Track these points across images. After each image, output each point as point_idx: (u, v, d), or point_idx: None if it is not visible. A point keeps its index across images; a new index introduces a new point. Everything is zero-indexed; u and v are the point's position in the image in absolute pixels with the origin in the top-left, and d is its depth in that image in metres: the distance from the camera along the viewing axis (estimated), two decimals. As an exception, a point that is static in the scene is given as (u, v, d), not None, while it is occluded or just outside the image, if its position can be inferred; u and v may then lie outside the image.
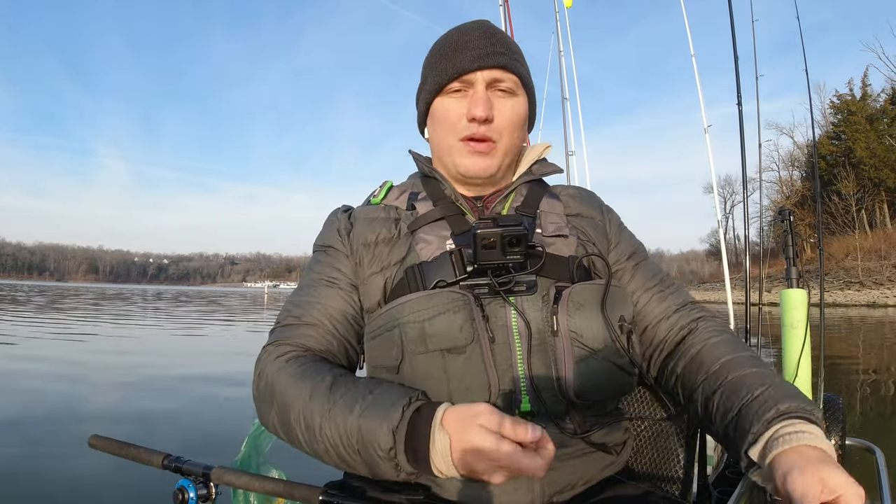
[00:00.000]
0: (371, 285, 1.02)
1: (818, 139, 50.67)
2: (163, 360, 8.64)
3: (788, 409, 0.82)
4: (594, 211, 1.14)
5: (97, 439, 0.89)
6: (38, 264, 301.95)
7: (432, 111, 1.08)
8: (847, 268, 40.72)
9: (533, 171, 1.14)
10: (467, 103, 1.03)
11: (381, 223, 1.07)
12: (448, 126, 1.05)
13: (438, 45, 1.08)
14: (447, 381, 0.89)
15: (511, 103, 1.05)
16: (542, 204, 1.10)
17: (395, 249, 1.03)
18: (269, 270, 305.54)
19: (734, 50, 2.66)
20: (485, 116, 1.01)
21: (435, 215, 1.05)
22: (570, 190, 1.18)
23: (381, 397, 0.83)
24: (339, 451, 0.84)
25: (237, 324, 17.44)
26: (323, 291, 1.05)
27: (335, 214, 1.15)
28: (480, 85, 1.02)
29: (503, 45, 1.05)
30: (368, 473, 0.84)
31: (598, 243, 1.08)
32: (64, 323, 14.96)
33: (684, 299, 1.09)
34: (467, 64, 1.02)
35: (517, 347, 0.91)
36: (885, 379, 7.96)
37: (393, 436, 0.79)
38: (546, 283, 0.96)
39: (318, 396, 0.87)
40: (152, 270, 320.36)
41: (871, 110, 47.92)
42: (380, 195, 1.14)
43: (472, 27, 1.06)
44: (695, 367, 0.99)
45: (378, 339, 0.97)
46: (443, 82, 1.04)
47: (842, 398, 2.38)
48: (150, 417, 4.86)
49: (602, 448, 0.95)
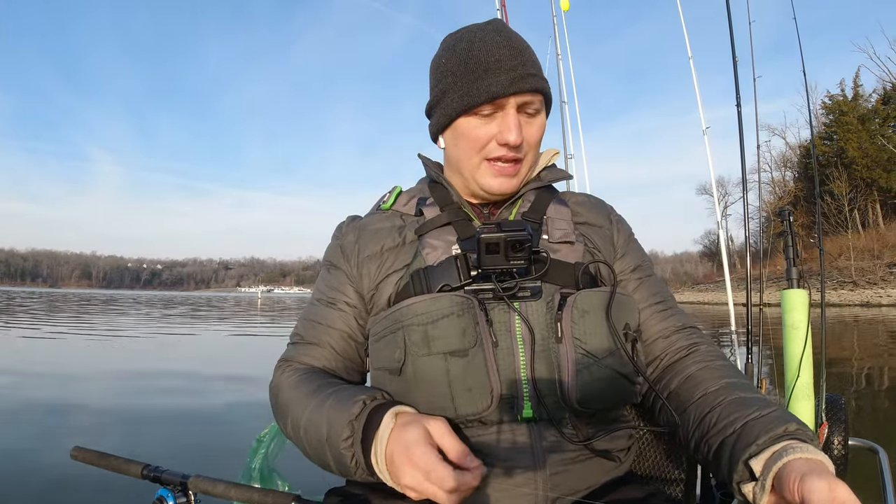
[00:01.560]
0: (380, 291, 1.03)
1: (811, 139, 50.91)
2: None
3: (797, 431, 0.80)
4: (602, 219, 1.13)
5: (79, 451, 0.90)
6: (32, 270, 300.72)
7: (456, 126, 1.04)
8: (840, 268, 40.90)
9: (541, 177, 1.13)
10: (496, 125, 1.01)
11: (386, 232, 1.07)
12: (475, 147, 1.03)
13: (462, 55, 1.02)
14: (449, 385, 0.89)
15: (537, 122, 1.04)
16: (549, 210, 1.09)
17: (401, 255, 1.03)
18: (263, 275, 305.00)
19: (732, 51, 2.67)
20: (519, 143, 1.00)
21: (442, 220, 1.05)
22: (579, 197, 1.17)
23: (348, 393, 0.90)
24: (316, 449, 0.91)
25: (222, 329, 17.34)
26: (324, 311, 1.09)
27: (340, 229, 1.15)
28: (512, 108, 1.00)
29: (532, 63, 1.02)
30: (340, 472, 0.88)
31: (604, 252, 1.07)
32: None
33: (685, 322, 1.08)
34: (501, 89, 0.98)
35: (520, 353, 0.91)
36: (883, 378, 7.98)
37: (351, 426, 0.84)
38: (551, 289, 0.96)
39: (305, 399, 0.95)
40: (146, 276, 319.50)
41: (863, 110, 48.21)
42: (389, 201, 1.14)
43: (500, 42, 1.01)
44: (692, 385, 0.97)
45: (382, 340, 0.97)
46: (473, 104, 0.99)
47: (844, 398, 2.39)
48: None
49: (605, 455, 0.95)
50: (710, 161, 3.68)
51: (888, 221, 46.56)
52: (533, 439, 0.89)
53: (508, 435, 0.90)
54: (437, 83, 1.07)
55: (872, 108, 48.17)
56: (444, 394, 0.89)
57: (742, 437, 0.83)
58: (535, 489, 0.88)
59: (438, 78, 1.06)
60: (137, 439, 4.38)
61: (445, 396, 0.89)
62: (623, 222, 1.17)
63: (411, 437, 0.79)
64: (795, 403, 2.08)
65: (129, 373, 7.70)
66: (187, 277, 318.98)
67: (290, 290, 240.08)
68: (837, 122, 48.65)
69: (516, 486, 0.87)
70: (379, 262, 1.04)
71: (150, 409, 5.40)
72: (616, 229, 1.13)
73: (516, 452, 0.89)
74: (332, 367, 1.06)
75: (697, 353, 1.02)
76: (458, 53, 1.03)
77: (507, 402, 0.89)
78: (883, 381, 7.75)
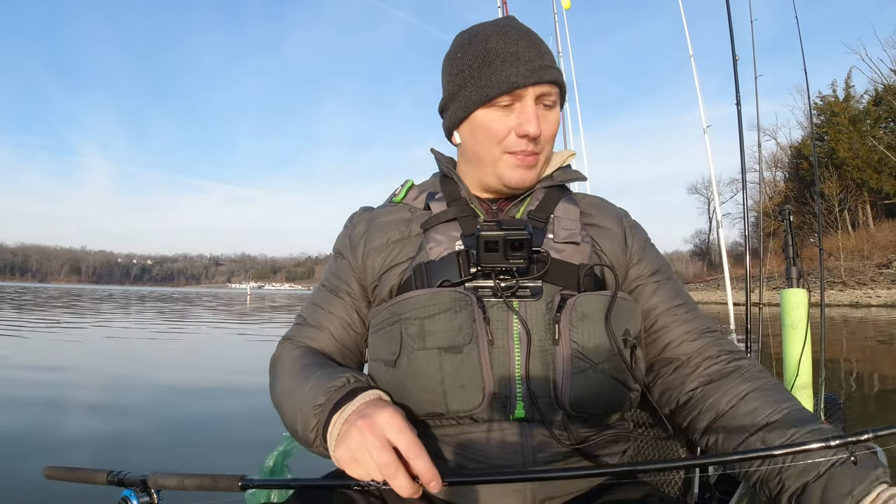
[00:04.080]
0: (382, 283, 1.04)
1: (802, 140, 51.36)
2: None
3: (883, 475, 0.76)
4: (613, 223, 1.11)
5: (50, 469, 0.89)
6: (21, 265, 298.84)
7: (473, 119, 1.03)
8: (830, 268, 41.10)
9: (554, 177, 1.12)
10: (514, 117, 1.00)
11: (393, 225, 1.08)
12: (494, 139, 1.02)
13: (479, 48, 1.02)
14: (442, 380, 0.89)
15: (553, 115, 1.05)
16: (557, 209, 1.07)
17: (406, 248, 1.04)
18: (253, 271, 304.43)
19: (732, 50, 2.67)
20: (538, 134, 1.00)
21: (447, 216, 1.05)
22: (591, 199, 1.16)
23: (338, 371, 0.92)
24: (291, 414, 0.92)
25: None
26: (327, 297, 1.11)
27: (351, 219, 1.16)
28: (530, 100, 1.00)
29: (549, 56, 1.03)
30: (304, 440, 0.88)
31: (612, 256, 1.06)
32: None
33: (709, 325, 1.07)
34: (521, 79, 0.98)
35: (516, 352, 0.91)
36: (875, 376, 8.04)
37: (328, 394, 0.85)
38: (552, 289, 0.96)
39: (297, 370, 0.97)
40: (135, 271, 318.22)
41: (854, 111, 48.44)
42: (401, 194, 1.14)
43: (517, 35, 1.01)
44: (749, 410, 0.92)
45: (380, 332, 0.99)
46: (492, 95, 0.99)
47: (842, 398, 2.39)
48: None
49: (595, 460, 0.94)
50: (710, 160, 3.69)
51: (878, 222, 46.88)
52: (524, 439, 0.89)
53: (499, 434, 0.89)
54: (453, 79, 1.06)
55: (863, 109, 48.44)
56: (436, 389, 0.89)
57: (831, 485, 0.78)
58: (523, 489, 0.88)
59: (454, 73, 1.06)
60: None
61: (437, 391, 0.89)
62: (638, 227, 1.15)
63: (379, 414, 0.77)
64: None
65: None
66: (178, 273, 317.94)
67: (280, 287, 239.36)
68: (829, 122, 48.88)
69: (502, 487, 0.87)
70: (384, 253, 1.05)
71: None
72: (630, 234, 1.11)
73: (506, 452, 0.89)
74: (330, 351, 1.08)
75: (743, 370, 0.98)
76: (474, 47, 1.03)
77: (499, 400, 0.89)
78: (875, 382, 7.80)
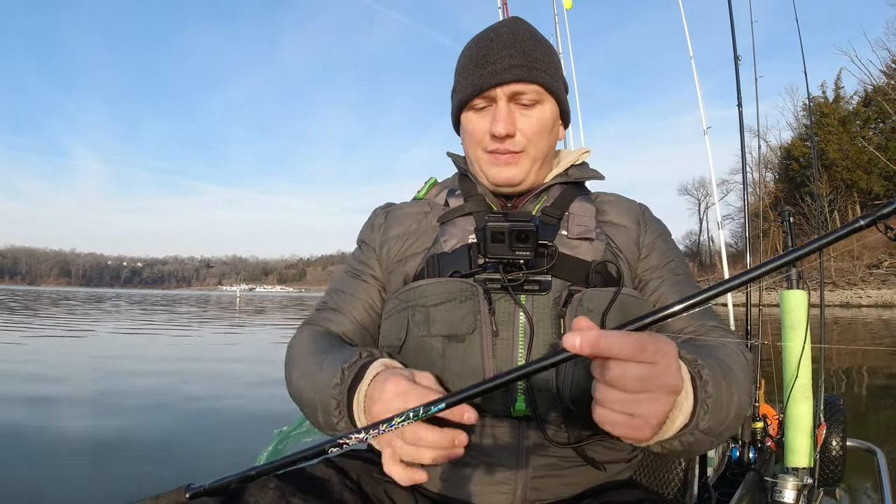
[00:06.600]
0: (397, 272, 1.07)
1: (791, 142, 51.65)
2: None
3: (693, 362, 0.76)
4: (630, 221, 1.11)
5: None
6: (10, 268, 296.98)
7: (461, 123, 1.10)
8: (820, 268, 41.36)
9: (569, 174, 1.14)
10: (489, 119, 1.04)
11: (411, 217, 1.12)
12: (474, 140, 1.07)
13: (463, 55, 1.09)
14: (443, 367, 0.90)
15: (535, 114, 1.05)
16: (572, 206, 1.09)
17: (421, 238, 1.08)
18: (245, 273, 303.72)
19: (734, 51, 2.67)
20: (504, 133, 1.02)
21: (463, 210, 1.08)
22: (608, 196, 1.16)
23: (351, 350, 0.91)
24: (310, 398, 0.91)
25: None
26: (349, 282, 1.14)
27: (374, 212, 1.20)
28: (502, 101, 1.03)
29: (524, 55, 1.03)
30: (326, 424, 0.88)
31: (628, 252, 1.06)
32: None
33: (716, 323, 1.05)
34: (484, 81, 1.02)
35: (520, 345, 0.91)
36: (872, 376, 8.09)
37: (342, 372, 0.84)
38: (561, 284, 0.96)
39: (313, 354, 0.97)
40: (126, 274, 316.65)
41: (844, 112, 48.82)
42: (423, 190, 1.20)
43: (494, 36, 1.06)
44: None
45: (390, 319, 1.01)
46: (463, 99, 1.06)
47: (842, 400, 2.40)
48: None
49: (593, 463, 0.93)
50: (711, 162, 3.68)
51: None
52: (520, 439, 0.89)
53: (495, 430, 0.90)
54: (453, 83, 1.12)
55: (853, 109, 48.82)
56: (437, 376, 0.88)
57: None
58: (514, 489, 0.89)
59: (454, 78, 1.12)
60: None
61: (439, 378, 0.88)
62: (654, 223, 1.14)
63: (397, 378, 0.77)
64: (794, 405, 2.07)
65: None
66: (168, 275, 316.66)
67: (272, 289, 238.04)
68: (818, 123, 49.21)
69: (493, 483, 0.88)
70: (400, 242, 1.09)
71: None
72: (644, 229, 1.10)
73: (500, 450, 0.89)
74: (350, 334, 1.09)
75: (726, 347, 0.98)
76: (462, 54, 1.10)
77: (500, 393, 0.89)
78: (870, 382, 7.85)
